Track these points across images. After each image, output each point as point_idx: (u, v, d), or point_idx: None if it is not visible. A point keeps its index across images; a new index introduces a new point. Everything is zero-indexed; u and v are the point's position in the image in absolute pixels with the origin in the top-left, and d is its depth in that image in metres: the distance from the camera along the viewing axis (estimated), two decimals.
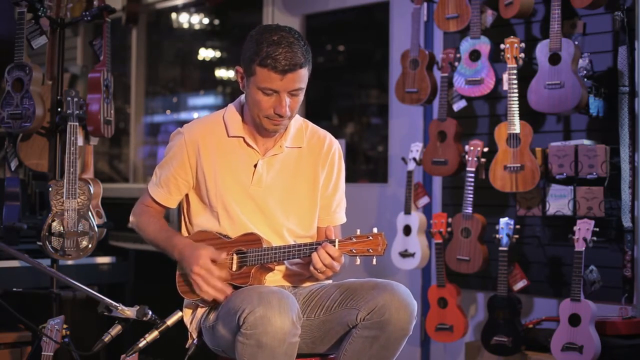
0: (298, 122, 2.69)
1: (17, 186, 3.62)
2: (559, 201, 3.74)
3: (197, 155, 2.61)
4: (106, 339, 2.47)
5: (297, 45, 2.43)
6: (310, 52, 2.50)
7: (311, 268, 2.43)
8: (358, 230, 2.42)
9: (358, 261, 2.41)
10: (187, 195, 2.68)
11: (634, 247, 3.67)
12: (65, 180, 3.40)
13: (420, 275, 4.53)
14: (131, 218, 2.75)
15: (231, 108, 2.66)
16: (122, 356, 2.50)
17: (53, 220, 3.39)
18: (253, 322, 2.26)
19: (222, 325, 2.44)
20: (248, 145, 2.61)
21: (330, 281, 2.68)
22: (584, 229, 3.48)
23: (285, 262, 2.58)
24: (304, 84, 2.48)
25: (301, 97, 2.51)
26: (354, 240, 2.40)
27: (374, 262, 2.39)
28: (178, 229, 2.75)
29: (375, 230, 2.40)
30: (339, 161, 2.73)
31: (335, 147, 2.72)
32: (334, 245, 2.41)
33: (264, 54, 2.41)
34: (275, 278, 2.62)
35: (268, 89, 2.45)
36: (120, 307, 2.46)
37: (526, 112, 3.75)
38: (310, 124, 2.74)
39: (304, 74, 2.46)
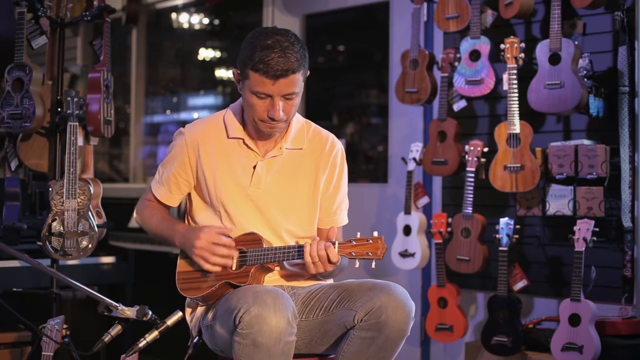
0: (300, 123, 2.68)
1: (17, 186, 3.62)
2: (559, 201, 3.74)
3: (197, 155, 2.62)
4: (106, 339, 2.47)
5: (291, 50, 2.42)
6: (307, 56, 2.48)
7: (304, 253, 2.42)
8: (358, 234, 2.42)
9: (357, 264, 2.41)
10: (189, 194, 2.69)
11: (634, 247, 3.67)
12: (65, 180, 3.40)
13: (420, 275, 4.53)
14: (135, 214, 2.76)
15: (232, 109, 2.66)
16: (122, 356, 2.50)
17: (53, 220, 3.39)
18: (248, 322, 2.27)
19: (220, 325, 2.44)
20: (248, 146, 2.61)
21: (330, 281, 2.69)
22: (584, 229, 3.48)
23: (284, 262, 2.59)
24: (298, 89, 2.47)
25: (297, 100, 2.50)
26: (354, 243, 2.40)
27: (373, 265, 2.39)
28: None
29: (375, 234, 2.40)
30: (341, 162, 2.71)
31: (337, 149, 2.71)
32: (334, 247, 2.41)
33: (256, 59, 2.41)
34: (274, 278, 2.62)
35: (261, 93, 2.44)
36: (120, 307, 2.46)
37: (526, 112, 3.76)
38: (313, 125, 2.73)
39: (297, 78, 2.44)
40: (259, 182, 2.60)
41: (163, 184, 2.68)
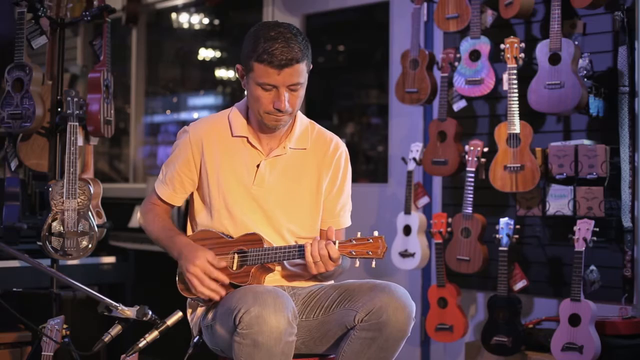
0: (304, 124, 2.69)
1: (17, 186, 3.62)
2: (559, 201, 3.74)
3: (201, 154, 2.62)
4: (106, 339, 2.47)
5: (295, 41, 2.43)
6: (310, 48, 2.50)
7: (305, 252, 2.42)
8: (359, 233, 2.43)
9: (357, 263, 2.41)
10: (191, 194, 2.69)
11: (634, 247, 3.67)
12: (65, 180, 3.40)
13: (420, 275, 4.53)
14: (138, 215, 2.77)
15: (236, 108, 2.67)
16: (122, 356, 2.50)
17: (53, 220, 3.39)
18: (249, 322, 2.27)
19: (220, 325, 2.44)
20: (252, 145, 2.61)
21: (331, 282, 2.69)
22: (584, 229, 3.48)
23: (285, 262, 2.59)
24: (302, 79, 2.48)
25: (301, 92, 2.51)
26: (354, 242, 2.41)
27: (373, 264, 2.39)
28: (182, 228, 2.75)
29: (376, 233, 2.41)
30: (344, 164, 2.72)
31: (341, 150, 2.71)
32: (334, 246, 2.41)
33: (260, 50, 2.42)
34: (274, 278, 2.62)
35: (266, 84, 2.45)
36: (120, 307, 2.46)
37: (526, 112, 3.75)
38: (318, 125, 2.73)
39: (301, 68, 2.46)
40: (262, 181, 2.60)
41: (167, 184, 2.68)
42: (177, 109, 6.94)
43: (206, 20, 6.65)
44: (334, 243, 2.41)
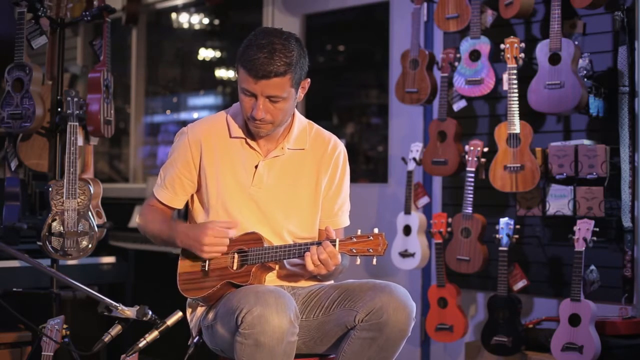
0: (302, 124, 2.68)
1: (17, 186, 3.62)
2: (559, 201, 3.74)
3: (200, 155, 2.62)
4: (106, 339, 2.47)
5: (281, 54, 2.41)
6: (303, 64, 2.48)
7: (306, 260, 2.42)
8: (359, 230, 2.43)
9: (358, 261, 2.42)
10: (190, 195, 2.68)
11: (634, 247, 3.67)
12: (65, 180, 3.40)
13: (420, 275, 4.53)
14: (137, 219, 2.76)
15: (234, 109, 2.66)
16: (122, 356, 2.50)
17: (53, 220, 3.39)
18: (251, 322, 2.27)
19: (221, 325, 2.44)
20: (250, 146, 2.61)
21: (331, 281, 2.69)
22: (584, 229, 3.48)
23: (285, 262, 2.59)
24: (283, 93, 2.45)
25: (284, 105, 2.48)
26: (355, 240, 2.41)
27: (374, 262, 2.39)
28: None
29: (376, 230, 2.41)
30: (343, 164, 2.71)
31: (339, 150, 2.71)
32: (335, 245, 2.41)
33: (246, 56, 2.43)
34: (274, 278, 2.62)
35: (246, 90, 2.46)
36: (120, 307, 2.46)
37: (526, 112, 3.76)
38: (316, 126, 2.73)
39: (281, 82, 2.43)
40: (260, 181, 2.60)
41: (167, 187, 2.67)
42: (177, 109, 6.94)
43: (206, 20, 6.65)
44: (334, 242, 2.41)
